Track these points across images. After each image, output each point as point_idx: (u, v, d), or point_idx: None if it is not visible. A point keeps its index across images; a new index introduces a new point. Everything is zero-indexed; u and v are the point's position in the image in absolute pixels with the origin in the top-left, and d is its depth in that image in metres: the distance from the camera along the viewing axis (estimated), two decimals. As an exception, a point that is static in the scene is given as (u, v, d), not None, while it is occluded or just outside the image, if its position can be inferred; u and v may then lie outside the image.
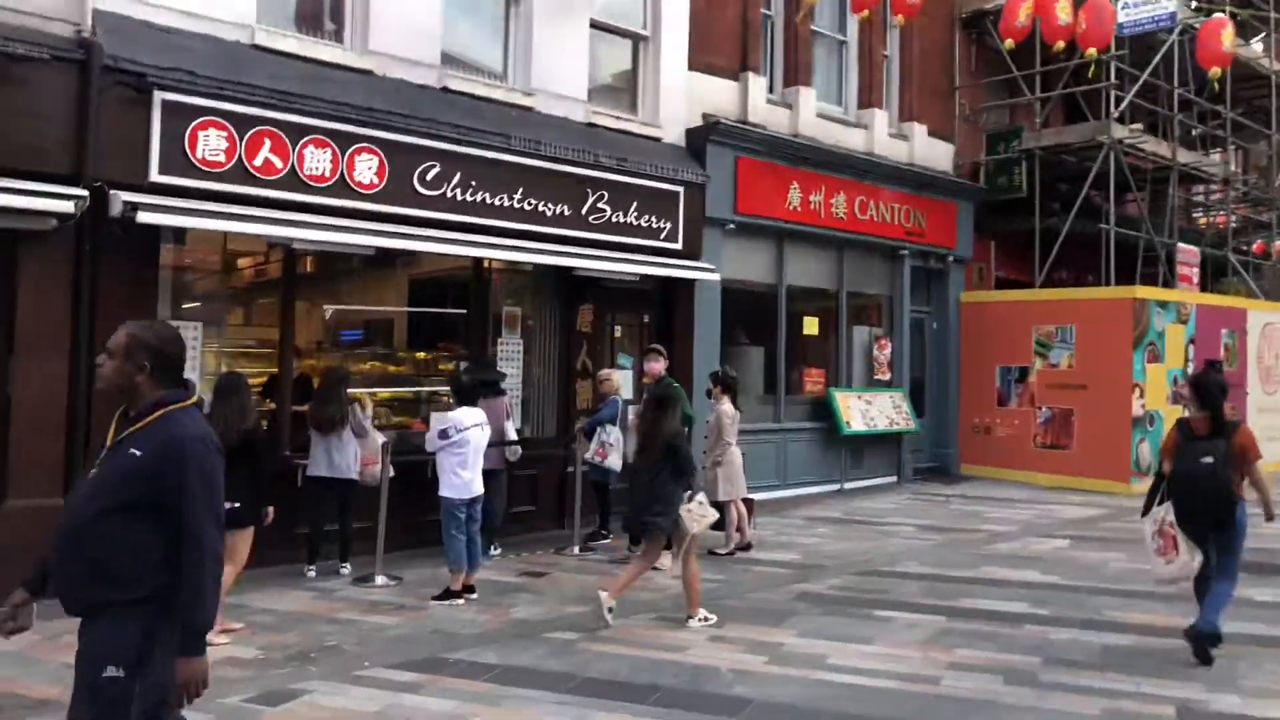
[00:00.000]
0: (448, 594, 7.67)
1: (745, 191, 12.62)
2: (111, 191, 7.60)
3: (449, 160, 9.58)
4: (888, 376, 15.29)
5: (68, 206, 7.27)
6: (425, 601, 7.64)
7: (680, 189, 11.67)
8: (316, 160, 8.72)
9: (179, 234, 8.45)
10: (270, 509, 6.82)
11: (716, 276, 11.87)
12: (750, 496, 10.47)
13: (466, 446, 7.71)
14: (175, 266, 8.61)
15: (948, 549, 10.14)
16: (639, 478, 7.35)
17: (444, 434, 7.69)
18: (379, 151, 9.10)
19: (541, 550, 9.76)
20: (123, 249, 7.85)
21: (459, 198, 9.66)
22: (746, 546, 9.85)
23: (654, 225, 11.37)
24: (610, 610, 7.03)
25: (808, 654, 6.46)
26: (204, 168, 8.10)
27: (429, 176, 9.44)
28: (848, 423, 14.14)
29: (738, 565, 9.25)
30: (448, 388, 9.02)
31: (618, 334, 11.76)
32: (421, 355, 11.09)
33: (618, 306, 11.70)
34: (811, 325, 14.34)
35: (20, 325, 7.46)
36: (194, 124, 8.04)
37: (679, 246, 11.66)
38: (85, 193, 7.42)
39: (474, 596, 7.75)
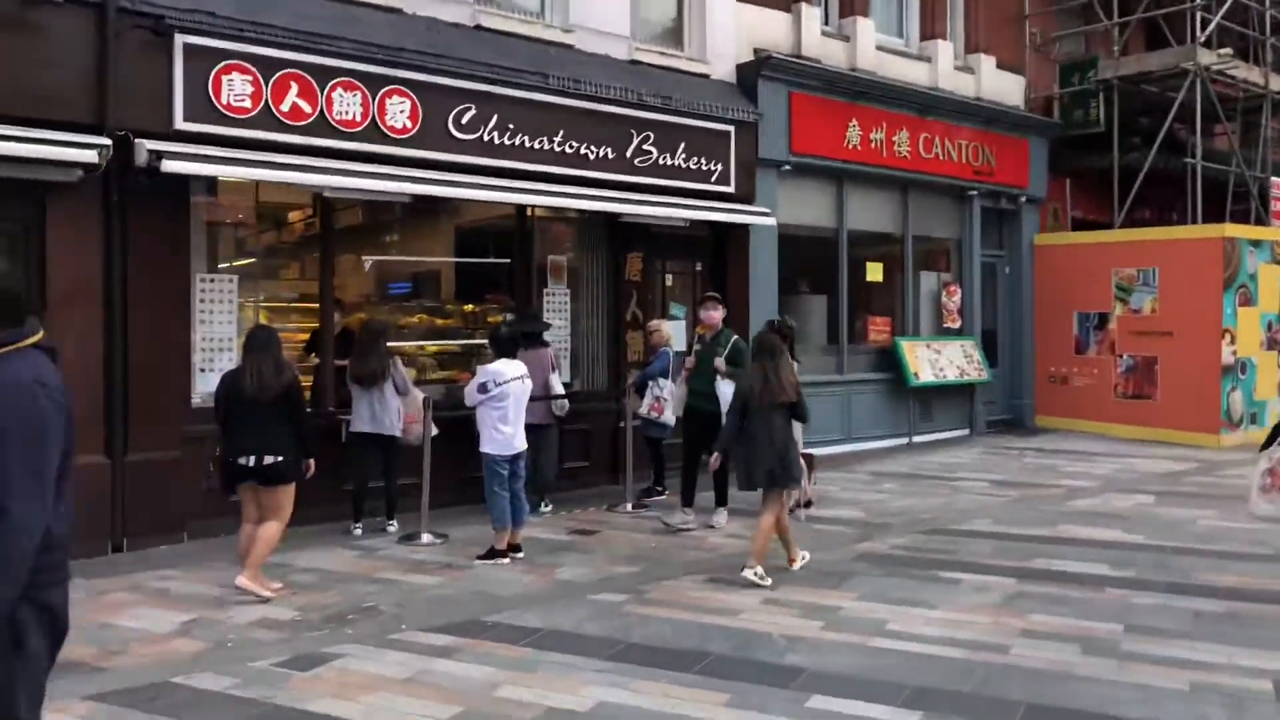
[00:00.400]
0: (492, 553, 7.34)
1: (800, 130, 11.98)
2: (136, 140, 7.31)
3: (485, 102, 9.14)
4: (958, 324, 14.58)
5: (91, 156, 7.00)
6: (470, 561, 7.32)
7: (731, 128, 11.09)
8: (346, 104, 8.34)
9: (210, 184, 8.16)
10: (311, 462, 6.58)
11: (771, 221, 11.30)
12: (811, 451, 9.96)
13: (506, 400, 7.33)
14: (208, 218, 8.32)
15: (1022, 506, 9.55)
16: (756, 429, 6.86)
17: (483, 388, 7.32)
18: (411, 94, 8.69)
19: (594, 507, 9.40)
20: (152, 200, 7.58)
21: (496, 141, 9.22)
22: (807, 504, 9.34)
23: (704, 168, 10.83)
24: (759, 575, 6.68)
25: (867, 619, 5.99)
26: (229, 113, 7.77)
27: (464, 120, 9.01)
28: (915, 373, 13.51)
29: (796, 524, 8.76)
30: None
31: (669, 283, 11.28)
32: (469, 307, 10.74)
33: (668, 254, 11.21)
34: (875, 271, 13.69)
35: (52, 280, 7.25)
36: (217, 68, 7.71)
37: (730, 190, 11.10)
38: (108, 141, 7.14)
39: (520, 556, 7.41)
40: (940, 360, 13.97)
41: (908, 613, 6.11)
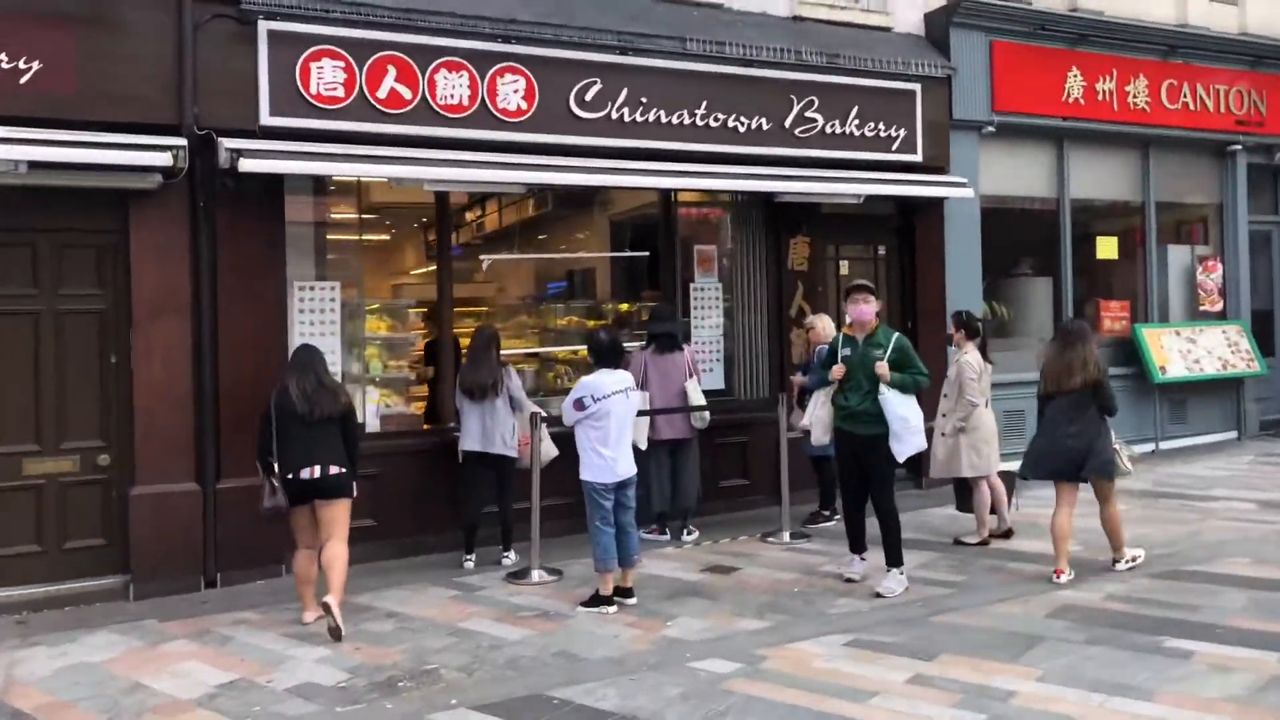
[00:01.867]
0: (596, 599, 6.26)
1: (1005, 84, 10.12)
2: (219, 140, 6.75)
3: (612, 75, 8.05)
4: (1219, 306, 12.12)
5: (163, 159, 6.50)
6: (573, 608, 6.28)
7: (916, 86, 9.44)
8: (451, 86, 7.49)
9: (307, 183, 7.53)
10: (354, 484, 6.00)
11: (969, 192, 9.55)
12: (1009, 469, 8.26)
13: (607, 419, 6.21)
14: (309, 219, 7.68)
15: (1298, 538, 7.45)
16: (1055, 422, 6.57)
17: (579, 404, 6.24)
18: (526, 71, 7.73)
19: (747, 535, 8.12)
20: (242, 203, 7.02)
21: (626, 118, 8.11)
22: (1006, 533, 7.69)
23: (882, 134, 9.25)
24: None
25: (1045, 713, 4.43)
26: (321, 104, 7.10)
27: (588, 96, 7.96)
28: (1162, 367, 11.26)
29: (987, 560, 7.16)
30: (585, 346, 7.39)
31: (844, 270, 9.77)
32: (625, 307, 9.71)
33: (843, 237, 9.70)
34: (1108, 247, 11.52)
35: (137, 295, 6.80)
36: (305, 55, 7.05)
37: (917, 158, 9.46)
38: (182, 142, 6.62)
39: (631, 602, 6.28)
40: (1196, 350, 11.59)
41: (1105, 705, 4.50)
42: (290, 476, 5.76)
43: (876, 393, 6.45)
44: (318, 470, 5.75)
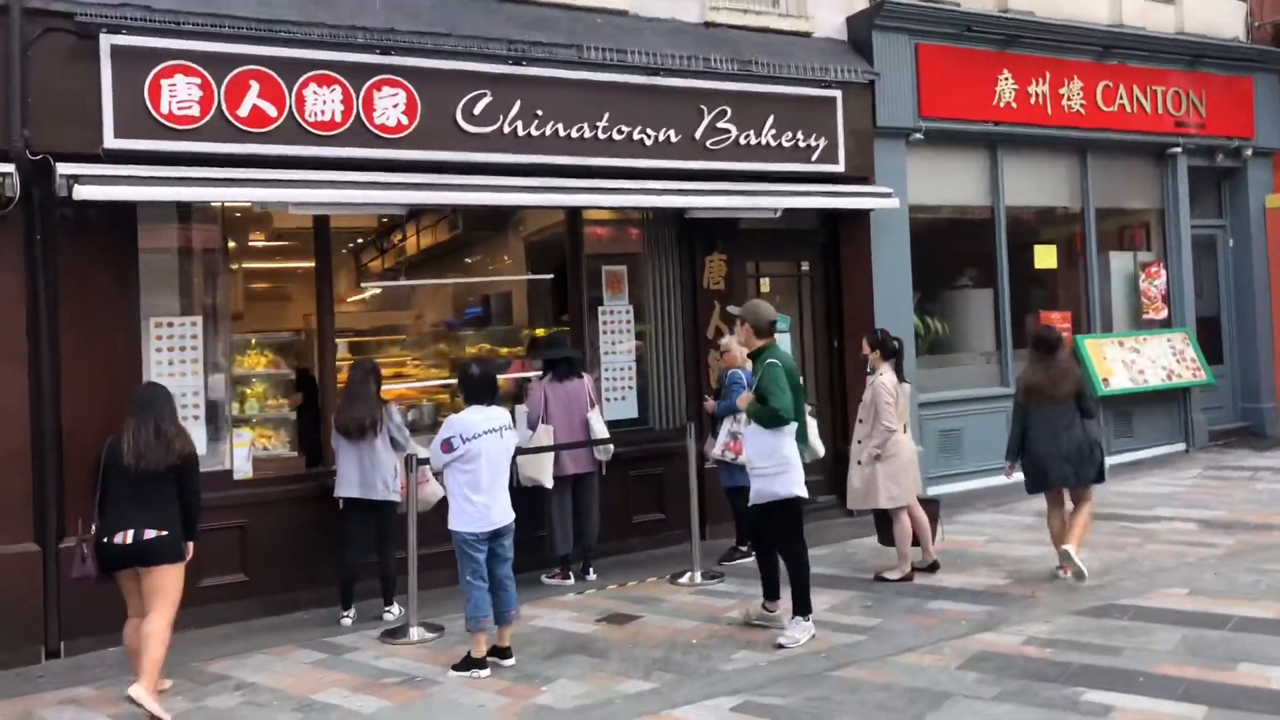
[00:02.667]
0: (468, 662, 5.69)
1: (932, 89, 9.69)
2: (56, 165, 6.16)
3: (504, 86, 7.52)
4: (1163, 314, 11.73)
5: (-16, 188, 5.92)
6: (447, 670, 5.71)
7: (836, 93, 8.98)
8: (322, 102, 6.94)
9: (169, 210, 6.93)
10: (191, 545, 5.34)
11: (896, 203, 9.09)
12: (935, 496, 7.81)
13: (478, 461, 5.63)
14: (169, 248, 7.08)
15: (1239, 563, 6.96)
16: (1054, 431, 6.64)
17: (447, 445, 5.68)
18: (406, 84, 7.20)
19: (657, 575, 7.58)
20: (86, 235, 6.45)
21: (521, 133, 7.59)
22: (930, 567, 7.18)
23: (801, 144, 8.77)
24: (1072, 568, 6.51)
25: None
26: (174, 125, 6.53)
27: (477, 110, 7.43)
28: (1105, 380, 10.83)
29: (906, 598, 6.64)
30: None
31: (765, 288, 9.27)
32: (540, 332, 9.15)
33: (763, 253, 9.21)
34: (1046, 256, 11.11)
35: (-35, 336, 6.21)
36: (155, 71, 6.48)
37: (840, 168, 8.99)
38: (8, 168, 6.02)
39: (508, 663, 5.72)
40: (1139, 360, 11.18)
41: (1003, 794, 3.98)
42: (105, 540, 5.11)
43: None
44: (130, 535, 5.04)
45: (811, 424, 6.85)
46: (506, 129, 7.53)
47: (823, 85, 8.89)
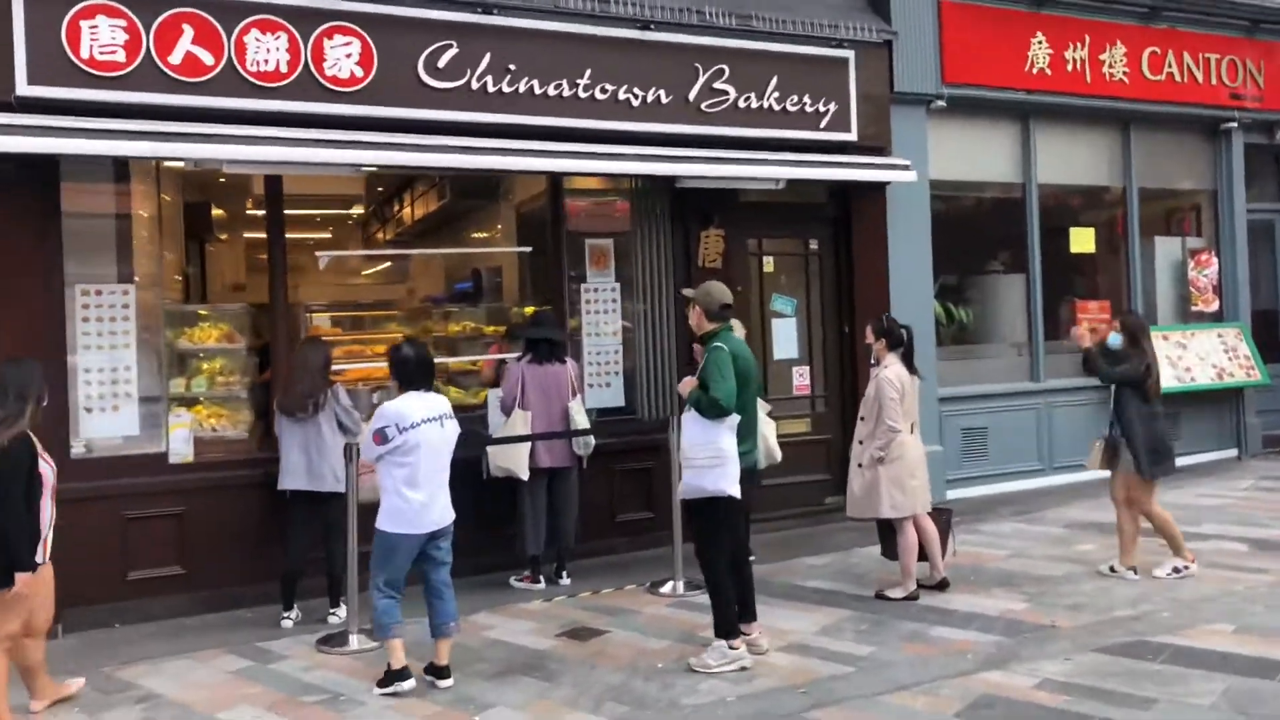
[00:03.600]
0: (390, 676, 4.99)
1: (957, 51, 8.82)
2: (-43, 114, 5.52)
3: (471, 37, 6.78)
4: (1214, 307, 10.77)
5: None
6: (373, 687, 5.02)
7: (849, 54, 8.14)
8: (265, 50, 6.23)
9: (103, 167, 6.28)
10: (23, 576, 4.41)
11: (913, 176, 8.23)
12: (947, 504, 7.00)
13: (415, 453, 4.94)
14: (103, 212, 6.42)
15: (1296, 591, 6.11)
16: (1161, 419, 6.49)
17: (380, 435, 4.97)
18: (361, 32, 6.48)
19: (635, 583, 6.84)
20: (3, 192, 5.80)
21: (491, 89, 6.84)
22: (939, 585, 6.37)
23: (808, 109, 7.95)
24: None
25: None
26: (95, 71, 5.85)
27: (441, 63, 6.70)
28: (1146, 376, 9.89)
29: (908, 622, 5.83)
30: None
31: (769, 267, 8.48)
32: (530, 310, 8.41)
33: (766, 229, 8.41)
34: (1083, 240, 10.19)
35: None
36: (74, 12, 5.81)
37: (851, 137, 8.16)
38: (-100, 116, 5.39)
39: (445, 684, 5.01)
40: (1187, 357, 10.24)
41: None
42: None
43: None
44: None
45: (767, 424, 6.11)
46: (475, 85, 6.79)
47: (833, 44, 8.06)
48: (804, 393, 8.52)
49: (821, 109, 7.99)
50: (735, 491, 4.99)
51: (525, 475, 6.62)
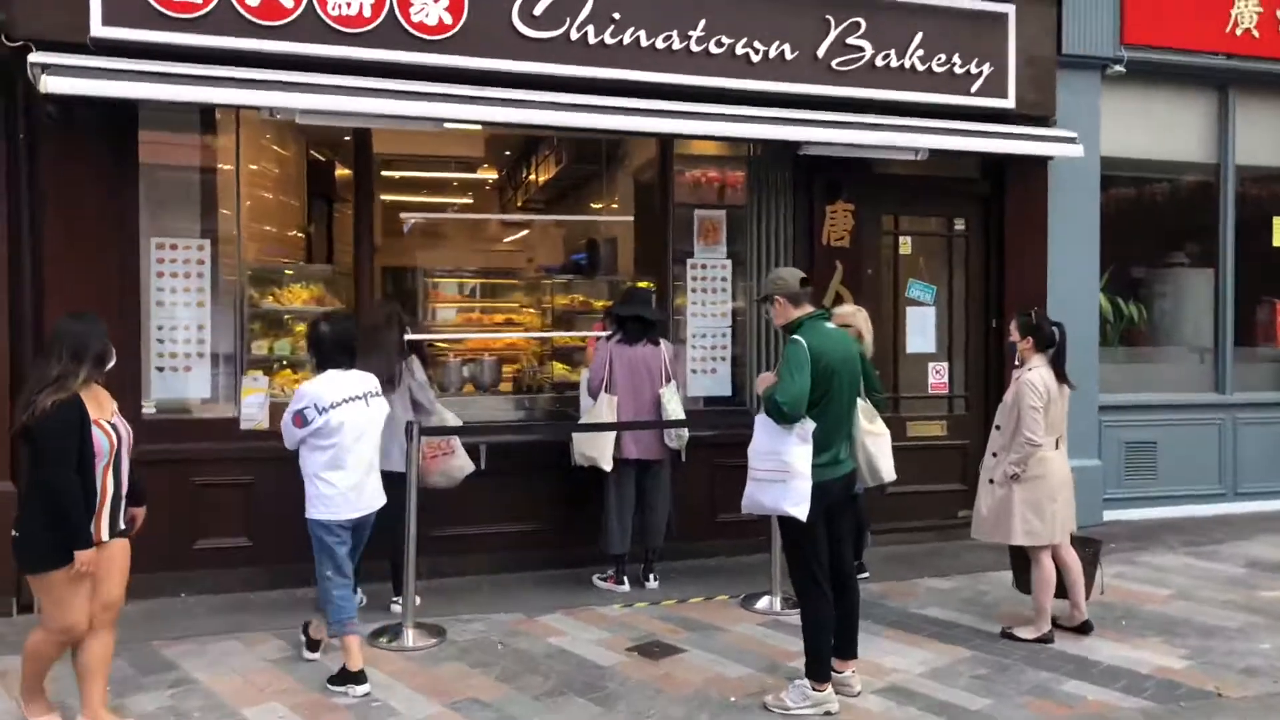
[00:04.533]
0: (343, 676, 4.57)
1: (1140, 6, 7.64)
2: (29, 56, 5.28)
3: (574, -20, 6.17)
4: None
5: (-62, 75, 5.10)
6: (415, 694, 4.52)
7: (1009, 8, 7.12)
8: (349, -7, 5.79)
9: (187, 115, 6.00)
10: (77, 554, 3.80)
11: (1079, 150, 7.15)
12: (1096, 536, 5.99)
13: (336, 436, 4.60)
14: (185, 163, 6.14)
15: None
16: None
17: (300, 418, 4.60)
18: (452, -27, 5.96)
19: (729, 594, 6.13)
20: (75, 138, 5.60)
21: (592, 40, 6.21)
22: (1080, 627, 5.40)
23: (957, 70, 6.98)
24: None
25: None
26: (172, 13, 5.51)
27: (538, 10, 6.10)
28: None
29: (1038, 669, 4.92)
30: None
31: (905, 248, 7.55)
32: (645, 284, 7.82)
33: (903, 205, 7.50)
34: (1291, 231, 8.79)
35: (-63, 254, 5.47)
36: (152, -51, 5.50)
37: (1008, 103, 7.14)
38: (-30, 55, 5.19)
39: (361, 690, 4.55)
40: None
41: None
42: None
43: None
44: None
45: (877, 436, 5.22)
46: (575, 35, 6.17)
47: (991, -5, 7.06)
48: (940, 391, 7.58)
49: (974, 71, 7.01)
50: (800, 513, 4.22)
51: (608, 466, 6.01)
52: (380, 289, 11.06)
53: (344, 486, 4.62)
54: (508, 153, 10.82)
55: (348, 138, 6.73)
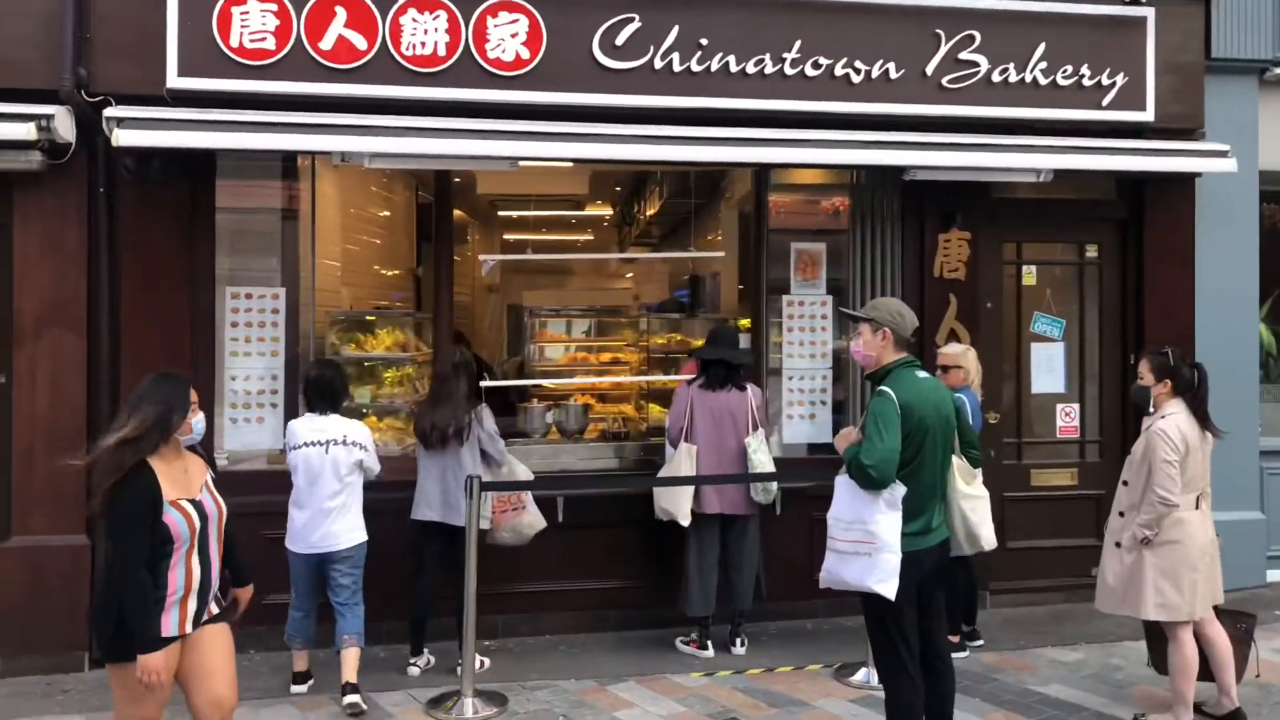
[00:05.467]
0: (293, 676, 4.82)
1: (1306, 3, 6.78)
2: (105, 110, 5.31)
3: (656, 9, 5.82)
4: None
5: (23, 131, 5.17)
6: None
7: (1147, 12, 6.38)
8: (423, 31, 5.61)
9: (268, 163, 5.95)
10: (145, 660, 3.33)
11: (1232, 165, 6.33)
12: (1249, 604, 5.22)
13: (296, 474, 5.06)
14: (266, 207, 6.09)
15: None
16: None
17: (285, 452, 4.98)
18: (528, 7, 5.70)
19: (822, 662, 5.61)
20: (152, 189, 5.61)
21: (678, 68, 5.85)
22: (1231, 716, 4.67)
23: (1086, 82, 6.30)
24: None
25: None
26: (244, 60, 5.47)
27: (620, 40, 5.80)
28: None
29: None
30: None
31: (1029, 279, 6.87)
32: (745, 323, 7.44)
33: (1026, 231, 6.83)
34: None
35: (20, 302, 5.54)
36: (225, -2, 5.47)
37: (1147, 116, 6.40)
38: (51, 110, 5.25)
39: (350, 699, 4.83)
40: None
41: None
42: None
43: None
44: None
45: (975, 499, 4.64)
46: (659, 64, 5.83)
47: (1126, 0, 6.35)
48: (1070, 436, 6.86)
49: (1105, 82, 6.31)
50: (888, 590, 3.71)
51: (685, 521, 5.62)
52: (504, 327, 11.04)
53: (298, 522, 5.03)
54: (618, 188, 10.62)
55: (458, 179, 6.60)
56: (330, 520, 4.97)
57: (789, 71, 5.97)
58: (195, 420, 3.59)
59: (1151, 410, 4.79)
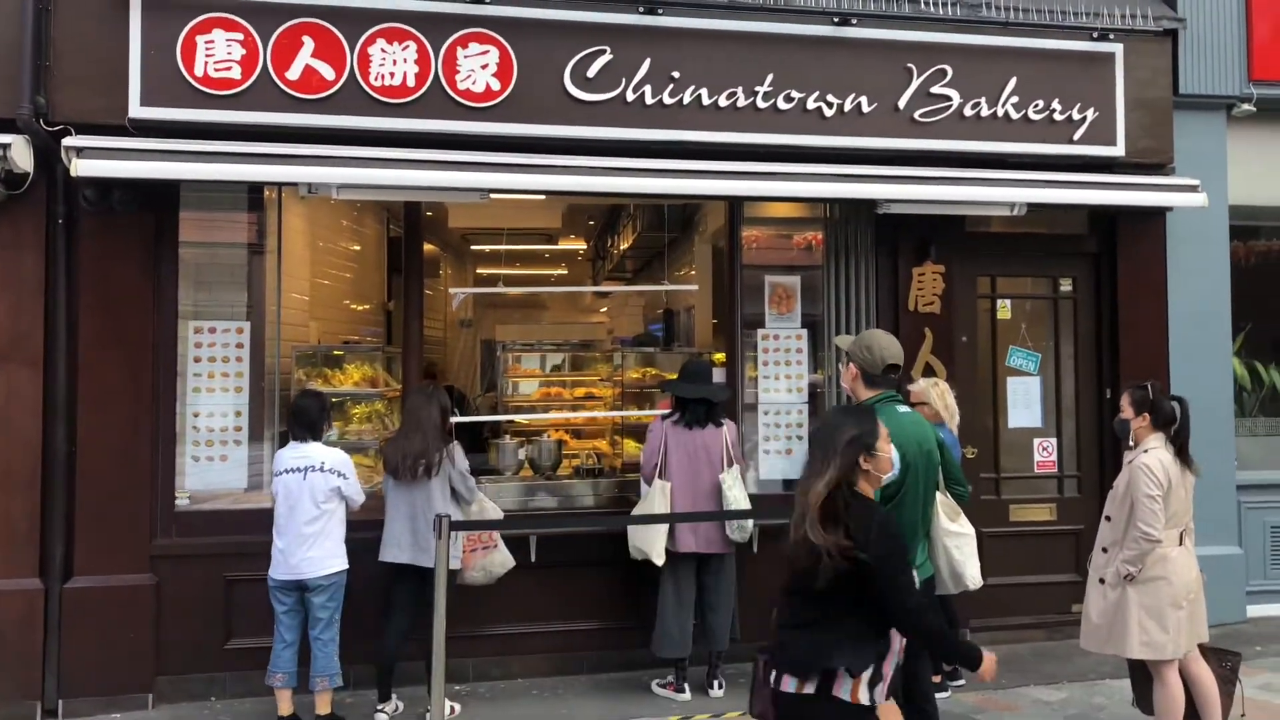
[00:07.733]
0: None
1: (1271, 40, 6.84)
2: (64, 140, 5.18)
3: (628, 41, 5.80)
4: None
5: (-26, 162, 5.03)
6: None
7: (1116, 47, 6.43)
8: (391, 62, 5.55)
9: (215, 194, 5.77)
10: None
11: (1202, 199, 6.34)
12: (1232, 641, 5.15)
13: (276, 500, 5.07)
14: (229, 241, 5.92)
15: None
16: None
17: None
18: (499, 39, 5.66)
19: (805, 701, 5.46)
20: (113, 221, 5.47)
21: (649, 101, 5.81)
22: (1218, 757, 4.57)
23: (1057, 117, 6.33)
24: None
25: None
26: (209, 90, 5.38)
27: (592, 71, 5.76)
28: None
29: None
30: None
31: (1003, 313, 6.85)
32: (720, 357, 7.34)
33: (1001, 265, 6.81)
34: None
35: (-26, 336, 5.38)
36: (190, 26, 5.36)
37: (1117, 151, 6.43)
38: (7, 140, 5.11)
39: None
40: None
41: None
42: None
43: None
44: None
45: (959, 537, 4.55)
46: (631, 96, 5.79)
47: (1094, 36, 6.39)
48: (1048, 470, 6.81)
49: (1075, 117, 6.34)
50: None
51: (659, 560, 5.49)
52: (477, 362, 10.90)
53: (279, 547, 4.99)
54: (591, 222, 10.58)
55: (429, 213, 6.51)
56: (308, 546, 4.94)
57: (761, 105, 5.95)
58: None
59: (1132, 444, 4.73)
